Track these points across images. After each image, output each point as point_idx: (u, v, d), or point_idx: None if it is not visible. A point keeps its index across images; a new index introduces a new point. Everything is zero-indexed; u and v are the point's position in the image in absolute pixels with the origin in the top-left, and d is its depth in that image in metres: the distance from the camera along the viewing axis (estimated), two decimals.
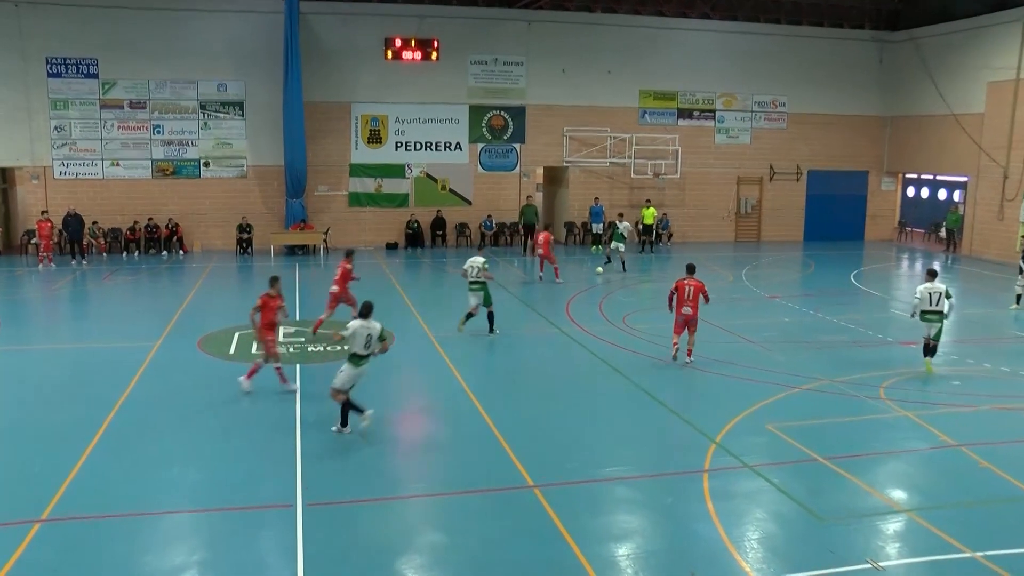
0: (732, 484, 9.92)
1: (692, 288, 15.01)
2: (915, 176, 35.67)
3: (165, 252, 28.02)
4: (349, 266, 17.11)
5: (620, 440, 11.48)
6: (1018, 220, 28.65)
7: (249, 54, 28.51)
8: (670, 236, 32.59)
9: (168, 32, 28.03)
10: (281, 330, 17.10)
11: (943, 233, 32.37)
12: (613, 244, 25.59)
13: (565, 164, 31.75)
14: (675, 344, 15.17)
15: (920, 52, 32.64)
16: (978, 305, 21.61)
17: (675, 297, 15.12)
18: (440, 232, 30.62)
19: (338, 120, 29.72)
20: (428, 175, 30.72)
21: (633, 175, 31.60)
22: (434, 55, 29.83)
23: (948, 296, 14.88)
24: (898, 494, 9.86)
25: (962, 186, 32.34)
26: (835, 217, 34.42)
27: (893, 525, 9.01)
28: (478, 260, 17.17)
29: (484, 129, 30.95)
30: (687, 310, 14.99)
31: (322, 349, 15.74)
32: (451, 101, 30.48)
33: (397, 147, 30.35)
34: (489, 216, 30.99)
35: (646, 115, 32.30)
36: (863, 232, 35.25)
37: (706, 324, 18.42)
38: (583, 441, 11.39)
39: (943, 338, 15.32)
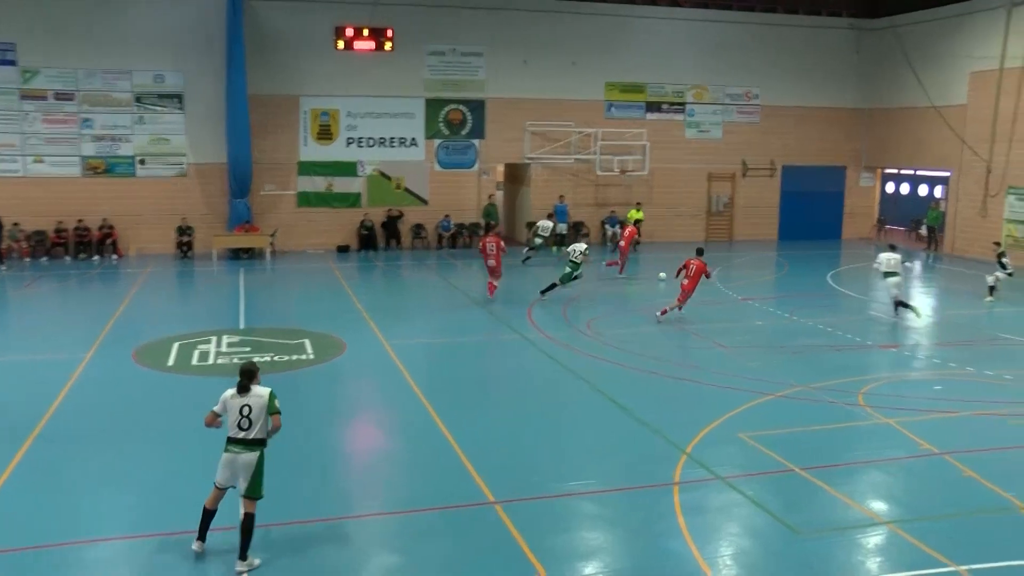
0: (704, 497, 9.95)
1: (694, 266, 18.89)
2: (895, 171, 36.28)
3: (97, 256, 27.55)
4: None
5: (586, 452, 11.47)
6: (1002, 217, 29.24)
7: (189, 42, 28.16)
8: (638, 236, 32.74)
9: (99, 16, 27.56)
10: (225, 339, 16.94)
11: (924, 231, 32.92)
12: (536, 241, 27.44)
13: (527, 161, 31.80)
14: (669, 306, 19.14)
15: (900, 41, 33.19)
16: (961, 306, 21.99)
17: (682, 271, 19.25)
18: (393, 232, 30.51)
19: (286, 114, 29.47)
20: (382, 173, 30.58)
21: (599, 172, 31.74)
22: (388, 45, 29.70)
23: (903, 261, 20.54)
24: (878, 505, 9.96)
25: (944, 181, 32.94)
26: (811, 215, 34.86)
27: (874, 538, 9.09)
28: (580, 246, 21.56)
29: (441, 124, 30.89)
30: (685, 281, 18.96)
31: (270, 359, 15.56)
32: (406, 94, 30.39)
33: (349, 143, 30.18)
34: (447, 216, 30.93)
35: (612, 108, 32.46)
36: (840, 230, 35.73)
37: (676, 328, 18.58)
38: (547, 454, 11.37)
39: (921, 342, 15.54)
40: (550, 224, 28.71)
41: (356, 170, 30.37)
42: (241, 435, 8.39)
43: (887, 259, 20.17)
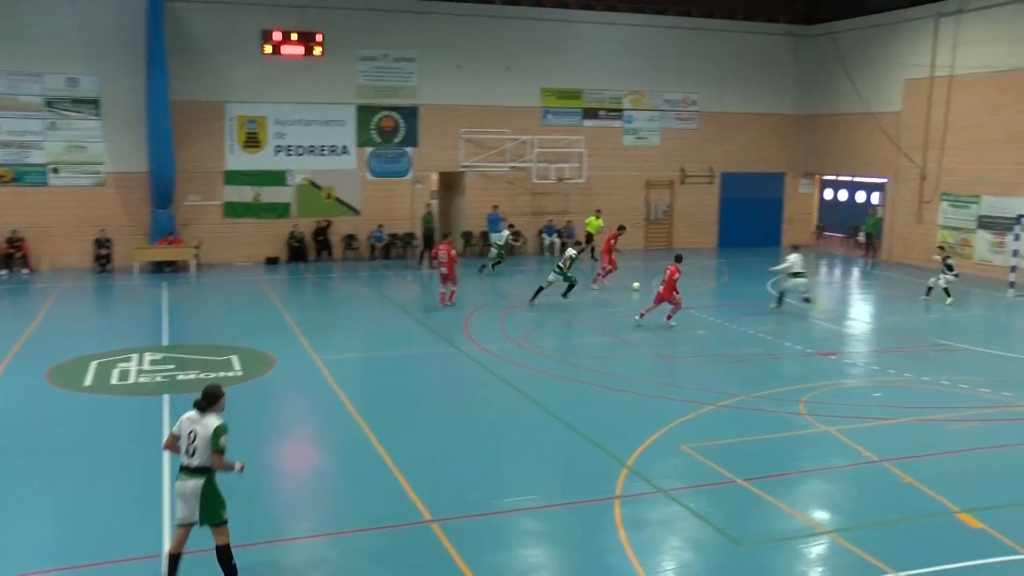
0: (645, 511, 10.03)
1: (667, 272, 19.74)
2: (833, 178, 37.15)
3: (4, 271, 26.70)
4: None
5: (525, 467, 11.49)
6: (936, 223, 30.12)
7: (105, 44, 27.53)
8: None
9: (4, 14, 26.77)
10: (148, 357, 16.57)
11: (862, 237, 33.75)
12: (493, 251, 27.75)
13: (461, 169, 31.82)
14: (646, 309, 20.01)
15: (837, 47, 34.06)
16: (899, 313, 22.57)
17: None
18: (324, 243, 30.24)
19: (210, 121, 29.02)
20: (312, 183, 30.29)
21: (535, 180, 31.90)
22: (317, 50, 29.50)
23: (796, 249, 22.86)
24: (820, 515, 10.15)
25: (880, 188, 33.83)
26: (750, 222, 35.49)
27: (816, 548, 9.25)
28: (571, 252, 22.56)
29: (373, 131, 30.74)
30: (659, 287, 19.86)
31: (194, 377, 15.27)
32: (337, 101, 30.18)
33: (277, 151, 29.84)
34: (380, 226, 30.75)
35: (549, 115, 32.68)
36: (779, 237, 36.44)
37: (616, 338, 18.72)
38: (485, 470, 11.35)
39: (860, 349, 15.87)
40: (506, 233, 28.94)
41: (285, 179, 30.03)
42: (186, 461, 8.12)
43: (795, 260, 21.86)
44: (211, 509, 8.10)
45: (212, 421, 8.12)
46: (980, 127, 28.38)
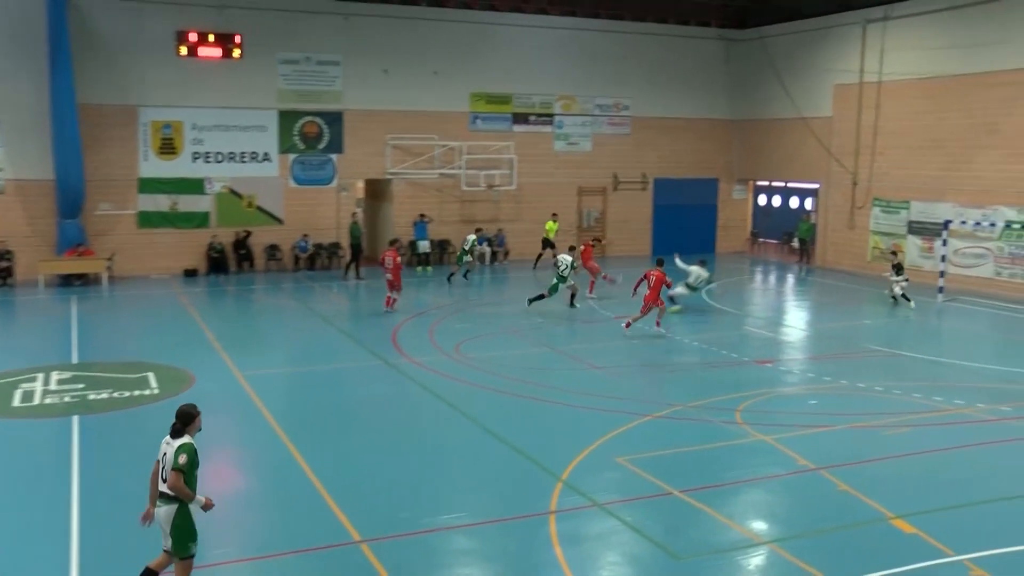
0: (582, 526, 10.07)
1: (654, 277, 20.09)
2: (766, 183, 37.91)
3: None
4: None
5: (457, 484, 11.45)
6: (868, 229, 30.93)
7: (2, 43, 26.71)
8: (506, 254, 33.07)
9: None
10: (55, 376, 16.12)
11: (796, 243, 34.48)
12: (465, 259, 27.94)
13: (388, 176, 31.67)
14: (633, 317, 20.28)
15: (768, 52, 34.81)
16: (833, 319, 23.10)
17: (642, 282, 20.52)
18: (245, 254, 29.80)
19: (122, 126, 28.37)
20: (232, 191, 29.83)
21: (464, 187, 31.91)
22: (236, 52, 29.09)
23: (710, 282, 24.66)
24: (758, 525, 10.32)
25: (814, 194, 34.62)
26: (684, 229, 35.92)
27: (754, 559, 9.40)
28: (567, 258, 22.82)
29: (296, 138, 30.40)
30: (647, 293, 20.05)
31: (107, 396, 14.89)
32: (258, 106, 29.79)
33: (195, 158, 29.31)
34: (304, 236, 30.40)
35: (478, 120, 32.74)
36: (714, 244, 37.02)
37: (549, 349, 18.81)
38: (415, 487, 11.27)
39: (796, 356, 16.20)
40: (472, 237, 28.91)
41: (203, 187, 29.51)
42: (161, 486, 7.94)
43: (696, 272, 23.65)
44: (179, 540, 7.90)
45: (179, 441, 7.95)
46: (907, 133, 29.29)
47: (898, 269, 24.53)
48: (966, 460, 12.42)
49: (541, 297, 22.93)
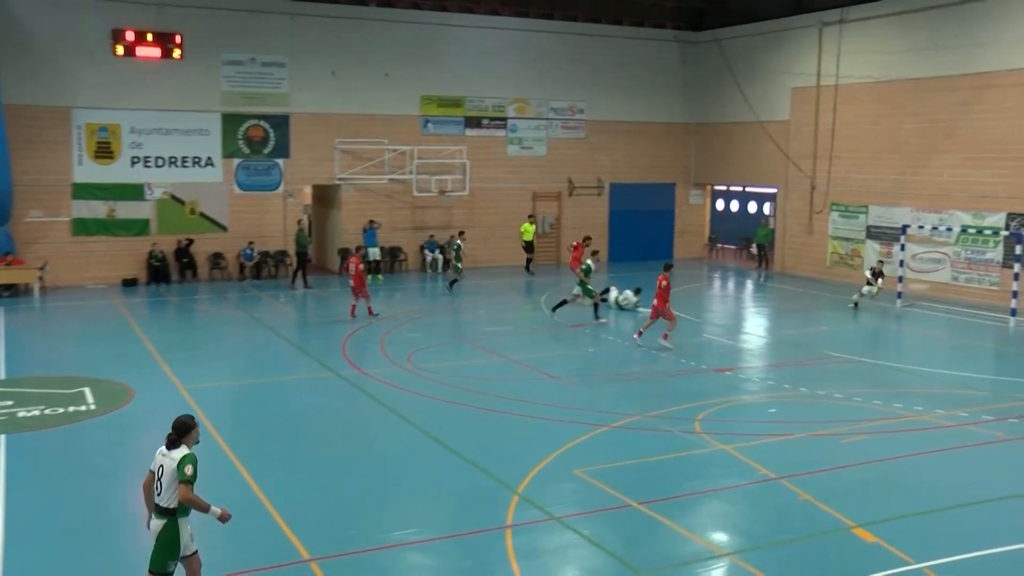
0: (539, 540, 10.07)
1: (664, 283, 19.68)
2: (724, 188, 38.33)
3: None
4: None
5: (410, 498, 11.40)
6: (827, 234, 31.38)
7: None
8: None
9: None
10: None
11: (754, 249, 34.88)
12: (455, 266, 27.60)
13: (337, 182, 31.50)
14: (644, 325, 20.23)
15: (725, 55, 35.21)
16: (793, 326, 23.38)
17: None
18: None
19: (54, 129, 27.88)
20: (173, 197, 29.45)
21: (416, 193, 31.83)
22: (177, 52, 28.76)
23: (637, 307, 24.60)
24: (719, 536, 10.39)
25: (771, 198, 35.07)
26: (641, 234, 36.22)
27: (715, 571, 9.47)
28: (588, 262, 22.89)
29: (241, 142, 30.12)
30: (655, 301, 19.68)
31: (38, 413, 14.60)
32: (200, 108, 29.47)
33: (133, 163, 28.91)
34: (250, 243, 30.09)
35: (429, 124, 32.71)
36: (672, 250, 37.31)
37: (504, 359, 18.81)
38: (367, 503, 11.20)
39: (755, 364, 16.37)
40: (458, 243, 28.54)
41: (143, 193, 29.10)
42: (156, 499, 7.91)
43: (627, 297, 24.87)
44: (157, 554, 7.86)
45: (179, 452, 7.91)
46: (865, 137, 29.80)
47: (876, 275, 25.09)
48: (925, 467, 12.64)
49: (563, 303, 22.99)
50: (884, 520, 10.52)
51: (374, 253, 30.72)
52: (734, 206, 38.64)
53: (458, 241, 28.64)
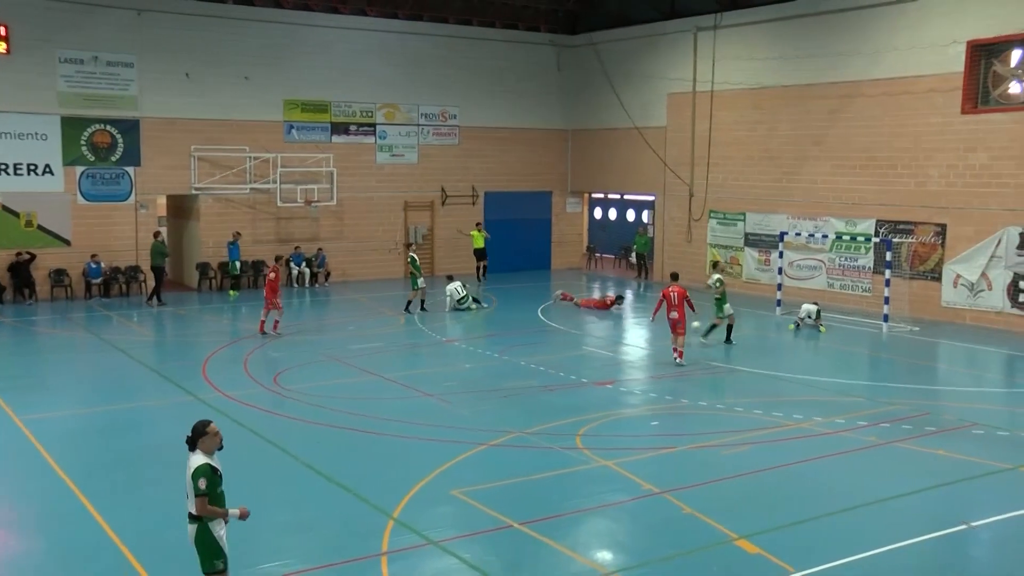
0: (416, 566, 10.04)
1: (676, 294, 19.87)
2: (602, 196, 39.03)
3: None
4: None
5: (278, 527, 11.20)
6: (706, 242, 32.30)
7: None
8: (327, 275, 32.67)
9: None
10: None
11: (633, 258, 35.59)
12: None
13: (195, 192, 30.75)
14: (673, 344, 20.16)
15: (600, 59, 35.90)
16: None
17: (663, 304, 19.99)
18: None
19: None
20: (6, 207, 28.20)
21: (280, 203, 31.36)
22: (2, 46, 27.50)
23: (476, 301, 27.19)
24: (603, 555, 10.55)
25: (650, 206, 35.88)
26: (518, 244, 36.55)
27: None
28: (715, 276, 22.46)
29: (85, 148, 29.06)
30: (674, 314, 19.79)
31: None
32: (35, 110, 28.29)
33: None
34: (94, 257, 28.96)
35: (293, 130, 32.29)
36: (549, 260, 37.77)
37: (376, 377, 18.71)
38: (231, 535, 10.82)
39: (636, 376, 16.67)
40: (415, 256, 27.43)
41: None
42: (187, 504, 8.37)
43: (452, 289, 26.70)
44: (204, 556, 8.28)
45: (195, 461, 8.26)
46: (741, 144, 30.86)
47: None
48: (805, 475, 13.14)
49: (714, 327, 22.48)
50: (766, 531, 10.88)
51: (235, 267, 30.12)
52: (612, 214, 39.36)
53: (412, 254, 27.65)
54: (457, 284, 27.29)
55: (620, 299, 27.65)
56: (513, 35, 36.17)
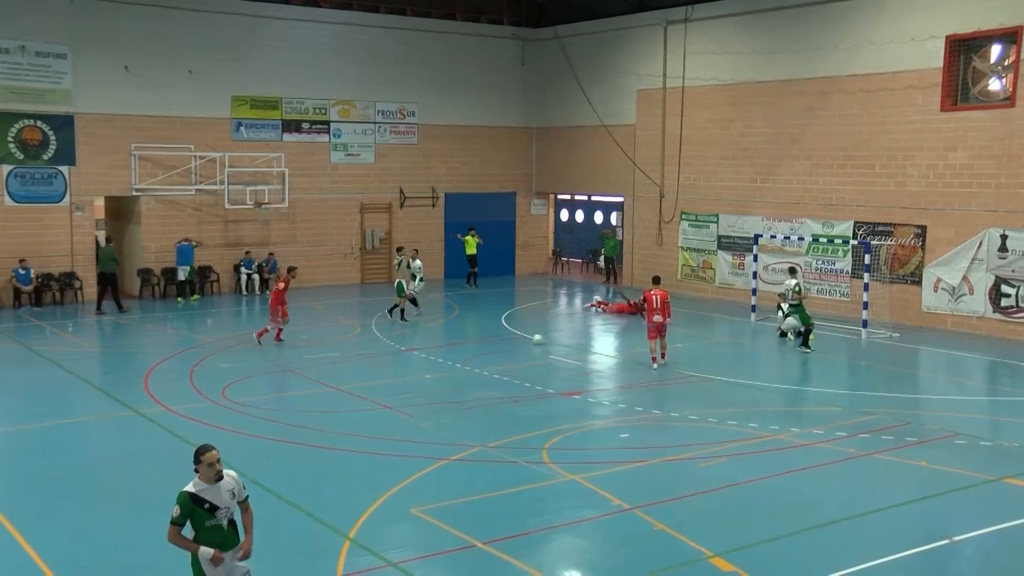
0: None
1: (659, 297, 20.42)
2: (568, 197, 39.07)
3: None
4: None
5: None
6: (678, 245, 32.43)
7: None
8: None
9: None
10: None
11: (601, 262, 35.68)
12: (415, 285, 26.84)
13: (135, 193, 30.42)
14: (652, 351, 20.59)
15: (566, 53, 35.97)
16: (645, 343, 23.91)
17: (645, 306, 20.73)
18: None
19: None
20: None
21: (228, 205, 31.12)
22: None
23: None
24: (571, 574, 10.54)
25: (619, 207, 35.97)
26: (480, 247, 36.37)
27: None
28: (791, 282, 23.31)
29: (13, 145, 28.61)
30: (658, 318, 20.32)
31: None
32: None
33: None
34: (23, 264, 28.48)
35: (242, 128, 32.07)
36: (514, 264, 37.78)
37: (330, 390, 18.58)
38: (173, 559, 10.74)
39: (605, 386, 16.68)
40: (400, 259, 27.25)
41: None
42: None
43: (417, 266, 26.78)
44: None
45: (181, 489, 8.24)
46: (714, 142, 31.02)
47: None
48: (781, 488, 13.19)
49: (808, 333, 22.67)
50: (741, 547, 10.89)
51: (185, 272, 29.84)
52: (579, 216, 39.44)
53: (411, 259, 27.27)
54: (419, 263, 27.30)
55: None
56: (474, 28, 36.15)
